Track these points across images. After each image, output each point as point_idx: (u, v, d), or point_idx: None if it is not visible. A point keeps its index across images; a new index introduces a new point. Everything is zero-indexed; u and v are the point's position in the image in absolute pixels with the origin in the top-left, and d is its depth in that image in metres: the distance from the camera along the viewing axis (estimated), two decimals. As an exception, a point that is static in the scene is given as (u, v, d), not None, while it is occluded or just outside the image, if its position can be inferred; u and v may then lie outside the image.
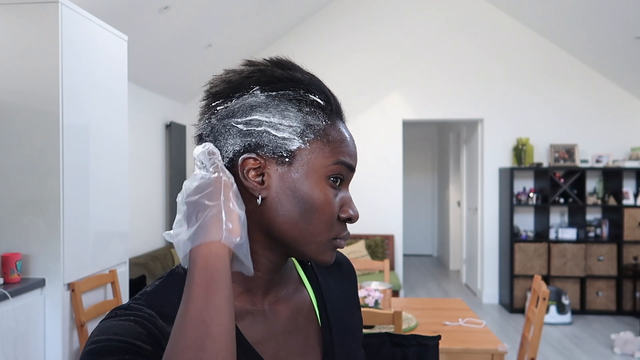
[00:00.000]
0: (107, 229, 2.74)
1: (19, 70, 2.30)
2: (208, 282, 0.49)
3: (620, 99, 5.45)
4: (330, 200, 0.60)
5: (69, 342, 2.39)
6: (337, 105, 0.65)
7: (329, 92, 0.64)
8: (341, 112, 0.66)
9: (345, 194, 0.63)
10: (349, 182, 0.63)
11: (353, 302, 0.78)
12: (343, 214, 0.62)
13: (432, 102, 5.64)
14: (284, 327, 0.66)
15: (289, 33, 5.75)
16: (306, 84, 0.62)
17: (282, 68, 0.62)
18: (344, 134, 0.63)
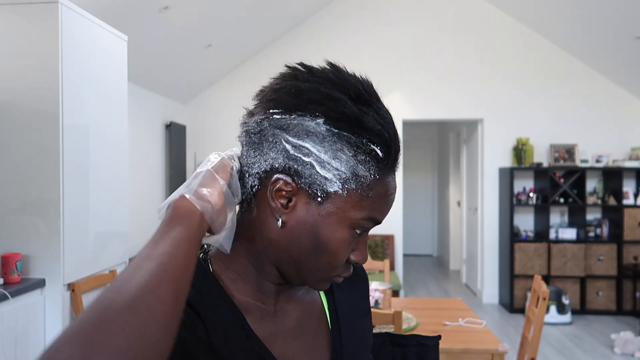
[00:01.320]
0: (107, 229, 2.74)
1: (19, 70, 2.30)
2: (169, 224, 0.50)
3: (620, 99, 5.45)
4: (346, 246, 0.59)
5: (69, 342, 2.38)
6: (395, 159, 0.60)
7: (394, 144, 0.59)
8: (395, 165, 0.61)
9: (362, 239, 0.62)
10: (368, 234, 0.64)
11: (364, 307, 0.78)
12: (353, 256, 0.61)
13: (432, 102, 5.64)
14: (293, 326, 0.66)
15: (289, 33, 5.75)
16: (373, 133, 0.58)
17: (359, 103, 0.58)
18: (388, 190, 0.60)
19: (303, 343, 0.66)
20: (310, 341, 0.67)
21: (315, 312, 0.70)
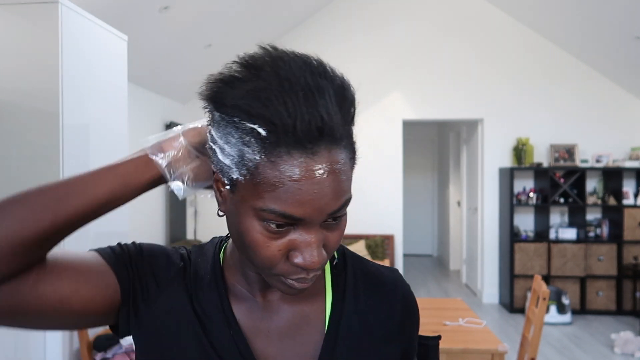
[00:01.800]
0: (107, 229, 2.74)
1: (19, 70, 2.30)
2: (125, 160, 0.59)
3: (620, 99, 5.45)
4: (263, 243, 0.52)
5: (69, 342, 2.38)
6: (291, 137, 0.48)
7: (285, 117, 0.48)
8: (296, 143, 0.48)
9: (297, 237, 0.52)
10: (312, 224, 0.52)
11: (384, 333, 0.66)
12: (293, 258, 0.53)
13: (432, 102, 5.64)
14: (282, 326, 0.63)
15: (289, 33, 5.75)
16: (246, 108, 0.49)
17: (241, 78, 0.51)
18: (288, 180, 0.49)
19: (288, 346, 0.63)
20: (297, 346, 0.63)
21: (313, 317, 0.64)
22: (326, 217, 0.52)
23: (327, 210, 0.51)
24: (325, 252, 0.55)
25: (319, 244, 0.53)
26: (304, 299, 0.65)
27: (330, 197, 0.50)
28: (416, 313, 0.70)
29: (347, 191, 0.53)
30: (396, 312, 0.67)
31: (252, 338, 0.62)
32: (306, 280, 0.55)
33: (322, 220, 0.52)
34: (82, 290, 0.56)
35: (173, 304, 0.62)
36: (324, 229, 0.54)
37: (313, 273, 0.55)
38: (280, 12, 5.16)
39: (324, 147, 0.49)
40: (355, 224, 5.58)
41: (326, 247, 0.55)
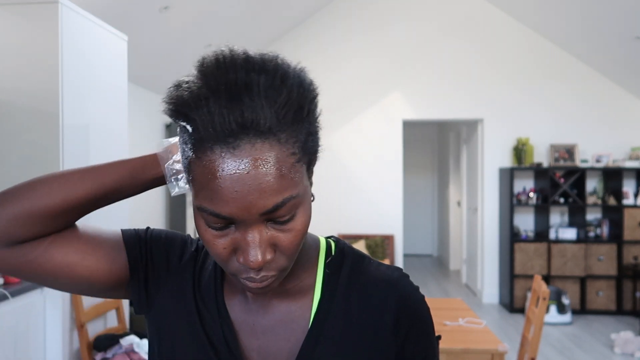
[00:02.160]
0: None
1: (19, 70, 2.30)
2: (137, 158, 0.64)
3: (620, 99, 5.45)
4: (211, 241, 0.53)
5: (69, 342, 2.39)
6: (211, 132, 0.48)
7: (206, 112, 0.48)
8: (218, 140, 0.48)
9: (238, 236, 0.52)
10: (245, 228, 0.51)
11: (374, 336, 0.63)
12: (238, 257, 0.53)
13: (432, 102, 5.64)
14: (267, 322, 0.64)
15: (289, 33, 5.75)
16: (179, 108, 0.50)
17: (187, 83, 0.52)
18: (211, 176, 0.49)
19: (271, 341, 0.63)
20: (279, 342, 0.63)
21: (298, 314, 0.64)
22: (258, 217, 0.50)
23: (255, 210, 0.49)
24: (278, 253, 0.54)
25: (261, 243, 0.51)
26: (292, 296, 0.64)
27: (256, 195, 0.49)
28: (418, 314, 0.65)
29: (281, 190, 0.50)
30: (389, 313, 0.63)
31: (240, 331, 0.64)
32: (255, 280, 0.54)
33: (257, 220, 0.51)
34: (88, 259, 0.62)
35: (179, 289, 0.66)
36: (271, 229, 0.52)
37: (264, 274, 0.54)
38: (280, 12, 5.16)
39: (246, 141, 0.48)
40: (355, 224, 5.58)
41: (279, 248, 0.53)
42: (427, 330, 0.66)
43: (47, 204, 0.58)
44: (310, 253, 0.66)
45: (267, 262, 0.53)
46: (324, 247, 0.67)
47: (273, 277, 0.55)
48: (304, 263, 0.64)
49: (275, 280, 0.56)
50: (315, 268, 0.65)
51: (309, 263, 0.65)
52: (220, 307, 0.65)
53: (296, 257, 0.58)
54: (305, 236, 0.60)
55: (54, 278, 0.62)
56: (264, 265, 0.53)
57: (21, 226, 0.58)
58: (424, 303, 0.66)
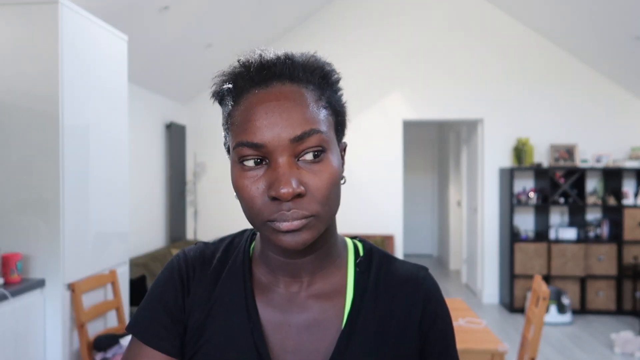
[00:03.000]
0: (107, 229, 2.74)
1: (19, 70, 2.30)
2: None
3: (620, 99, 5.45)
4: (244, 184, 0.57)
5: (69, 342, 2.39)
6: (248, 80, 0.58)
7: (237, 71, 0.60)
8: (254, 83, 0.58)
9: (271, 172, 0.56)
10: (277, 157, 0.56)
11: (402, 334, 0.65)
12: (270, 193, 0.56)
13: (432, 102, 5.64)
14: (302, 321, 0.65)
15: (289, 33, 5.75)
16: (222, 78, 0.62)
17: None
18: (248, 112, 0.57)
19: (306, 340, 0.64)
20: (314, 341, 0.64)
21: (332, 313, 0.65)
22: (288, 144, 0.55)
23: (285, 135, 0.55)
24: (309, 194, 0.56)
25: (291, 174, 0.55)
26: (325, 296, 0.66)
27: (286, 123, 0.55)
28: (439, 313, 0.67)
29: (308, 121, 0.56)
30: (416, 312, 0.66)
31: (272, 330, 0.64)
32: (287, 218, 0.55)
33: (285, 150, 0.55)
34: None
35: (199, 297, 0.67)
36: (302, 169, 0.56)
37: (295, 209, 0.56)
38: (280, 12, 5.16)
39: (277, 81, 0.57)
40: (355, 224, 5.58)
41: (309, 188, 0.56)
42: (447, 330, 0.69)
43: None
44: (341, 252, 0.68)
45: (298, 195, 0.55)
46: (352, 247, 0.70)
47: (304, 219, 0.56)
48: (337, 262, 0.67)
49: (308, 230, 0.57)
50: (345, 268, 0.68)
51: (341, 262, 0.68)
52: (250, 309, 0.65)
53: (331, 216, 0.60)
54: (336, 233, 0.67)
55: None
56: (295, 202, 0.56)
57: None
58: (444, 303, 0.70)
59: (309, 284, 0.66)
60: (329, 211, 0.58)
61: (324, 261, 0.66)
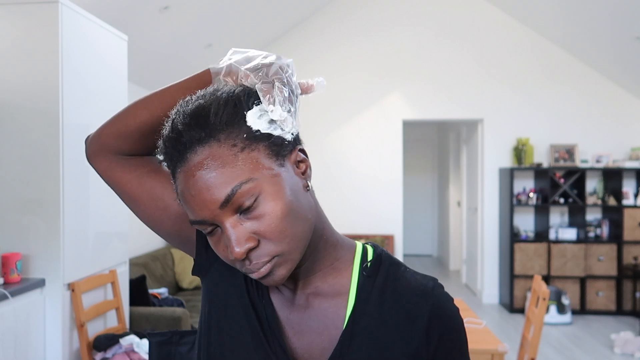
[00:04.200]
0: (107, 229, 2.74)
1: (19, 70, 2.30)
2: None
3: (620, 99, 5.45)
4: (216, 249, 0.60)
5: (69, 342, 2.39)
6: (170, 158, 0.59)
7: (162, 146, 0.60)
8: (175, 161, 0.58)
9: (224, 236, 0.58)
10: (223, 221, 0.57)
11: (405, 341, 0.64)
12: (229, 256, 0.59)
13: (432, 102, 5.63)
14: (301, 320, 0.67)
15: (289, 33, 5.75)
16: (159, 148, 0.62)
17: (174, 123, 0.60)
18: (181, 193, 0.58)
19: (307, 337, 0.66)
20: (314, 338, 0.66)
21: (334, 314, 0.66)
22: (220, 211, 0.56)
23: (212, 205, 0.56)
24: (263, 241, 0.57)
25: (238, 236, 0.56)
26: (327, 295, 0.67)
27: (208, 194, 0.56)
28: (450, 325, 0.66)
29: (227, 181, 0.56)
30: (421, 321, 0.64)
31: (284, 330, 0.67)
32: (252, 271, 0.58)
33: (222, 215, 0.56)
34: (168, 197, 0.69)
35: (232, 269, 0.69)
36: (246, 220, 0.57)
37: (255, 261, 0.58)
38: (280, 12, 5.16)
39: (190, 152, 0.57)
40: (356, 224, 5.58)
41: (260, 235, 0.57)
42: (458, 342, 0.67)
43: (133, 124, 0.67)
44: (343, 255, 0.69)
45: (252, 250, 0.57)
46: (360, 251, 0.70)
47: (268, 263, 0.58)
48: (336, 265, 0.68)
49: (278, 268, 0.59)
50: (349, 270, 0.68)
51: (344, 264, 0.68)
52: (264, 297, 0.68)
53: (300, 243, 0.60)
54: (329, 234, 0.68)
55: (138, 203, 0.71)
56: (252, 255, 0.57)
57: (120, 140, 0.68)
58: (457, 315, 0.67)
59: (305, 284, 0.68)
60: (292, 242, 0.59)
61: (317, 264, 0.67)
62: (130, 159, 0.70)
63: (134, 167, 0.70)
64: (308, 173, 0.63)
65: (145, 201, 0.70)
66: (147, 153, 0.71)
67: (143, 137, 0.68)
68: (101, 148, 0.70)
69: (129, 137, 0.68)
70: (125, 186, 0.71)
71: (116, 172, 0.70)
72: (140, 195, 0.70)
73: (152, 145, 0.69)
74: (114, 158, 0.70)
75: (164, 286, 4.03)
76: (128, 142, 0.69)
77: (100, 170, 0.71)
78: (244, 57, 0.62)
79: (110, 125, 0.69)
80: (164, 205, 0.70)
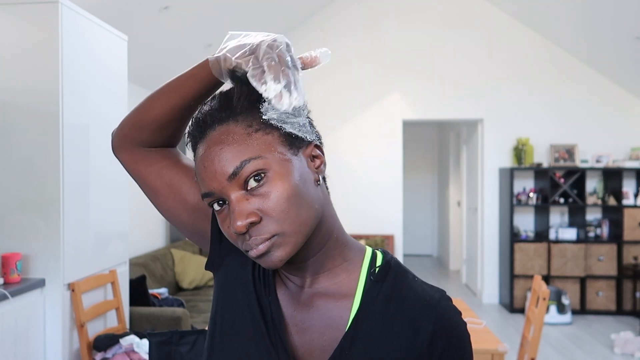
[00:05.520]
0: (107, 229, 2.74)
1: (19, 70, 2.30)
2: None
3: (620, 99, 5.45)
4: (222, 226, 0.63)
5: (69, 342, 2.39)
6: (193, 138, 0.64)
7: (189, 133, 0.65)
8: (197, 140, 0.64)
9: (229, 210, 0.61)
10: (228, 197, 0.60)
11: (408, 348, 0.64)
12: (231, 229, 0.60)
13: (432, 102, 5.63)
14: (305, 319, 0.67)
15: (288, 34, 5.74)
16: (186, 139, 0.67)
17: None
18: (197, 166, 0.63)
19: (309, 336, 0.66)
20: (316, 338, 0.66)
21: (338, 314, 0.66)
22: (227, 183, 0.59)
23: (220, 177, 0.59)
24: (266, 218, 0.59)
25: (240, 209, 0.59)
26: (332, 296, 0.67)
27: (218, 164, 0.59)
28: (454, 338, 0.65)
29: (238, 155, 0.59)
30: (425, 331, 0.64)
31: (289, 327, 0.67)
32: (252, 247, 0.60)
33: (229, 188, 0.59)
34: (184, 188, 0.72)
35: (243, 261, 0.71)
36: (251, 197, 0.59)
37: (254, 236, 0.59)
38: (280, 12, 5.16)
39: (210, 129, 0.62)
40: (355, 224, 5.58)
41: (263, 212, 0.59)
42: (464, 356, 0.67)
43: (148, 116, 0.70)
44: (352, 257, 0.69)
45: (253, 225, 0.59)
46: (369, 255, 0.70)
47: (267, 241, 0.59)
48: (345, 266, 0.68)
49: (277, 249, 0.60)
50: (357, 273, 0.68)
51: (352, 267, 0.68)
52: (271, 293, 0.68)
53: (301, 228, 0.61)
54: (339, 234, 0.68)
55: (157, 195, 0.74)
56: (252, 230, 0.59)
57: (139, 132, 0.71)
58: (463, 328, 0.67)
59: (312, 282, 0.68)
60: (293, 224, 0.60)
61: (327, 263, 0.67)
62: (151, 152, 0.73)
63: (154, 160, 0.73)
64: (322, 169, 0.66)
65: (164, 193, 0.73)
66: (167, 144, 0.74)
67: (160, 128, 0.71)
68: (123, 140, 0.73)
69: (146, 128, 0.71)
70: (146, 178, 0.74)
71: (138, 165, 0.73)
72: (160, 187, 0.73)
73: (170, 136, 0.73)
74: (135, 150, 0.73)
75: (164, 286, 4.03)
76: (146, 133, 0.71)
77: (123, 162, 0.74)
78: (237, 44, 0.62)
79: (129, 118, 0.72)
80: (182, 198, 0.72)
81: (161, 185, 0.73)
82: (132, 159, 0.74)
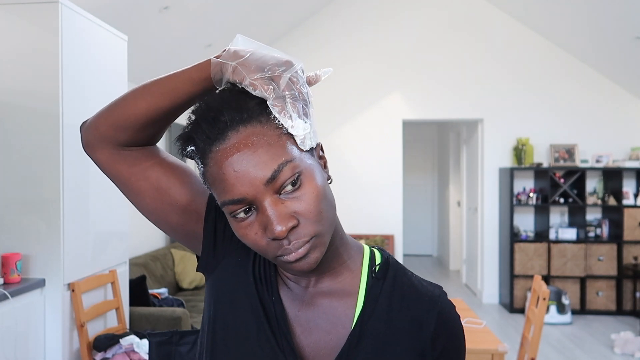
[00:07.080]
0: (107, 229, 2.74)
1: (19, 70, 2.30)
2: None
3: (620, 99, 5.45)
4: (244, 233, 0.59)
5: (69, 342, 2.39)
6: (205, 139, 0.58)
7: (193, 130, 0.59)
8: (211, 140, 0.57)
9: (260, 216, 0.58)
10: (261, 202, 0.57)
11: (412, 344, 0.66)
12: (268, 234, 0.57)
13: (432, 102, 5.64)
14: (310, 318, 0.67)
15: (289, 33, 5.75)
16: (181, 137, 0.61)
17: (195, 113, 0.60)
18: (218, 172, 0.57)
19: (314, 335, 0.67)
20: (322, 336, 0.66)
21: (343, 313, 0.67)
22: (264, 188, 0.56)
23: (258, 182, 0.56)
24: (303, 220, 0.58)
25: (279, 213, 0.56)
26: (336, 295, 0.68)
27: (254, 169, 0.56)
28: (455, 332, 0.68)
29: (274, 158, 0.56)
30: (428, 325, 0.66)
31: (291, 325, 0.67)
32: (291, 251, 0.58)
33: (264, 193, 0.56)
34: (175, 191, 0.69)
35: (242, 262, 0.70)
36: (286, 200, 0.57)
37: (294, 241, 0.58)
38: (281, 12, 5.16)
39: (233, 131, 0.57)
40: (355, 224, 5.58)
41: (299, 215, 0.58)
42: (460, 348, 0.70)
43: (132, 115, 0.64)
44: (354, 256, 0.70)
45: (292, 229, 0.57)
46: (368, 254, 0.72)
47: (307, 244, 0.58)
48: (348, 264, 0.69)
49: (314, 250, 0.59)
50: (359, 272, 0.69)
51: (354, 265, 0.69)
52: (275, 303, 0.68)
53: (331, 228, 0.61)
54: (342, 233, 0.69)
55: (142, 196, 0.69)
56: (292, 234, 0.58)
57: (120, 132, 0.65)
58: (459, 322, 0.70)
59: (317, 281, 0.68)
60: (326, 224, 0.60)
61: (331, 262, 0.67)
62: (133, 151, 0.68)
63: (137, 160, 0.68)
64: (327, 168, 0.66)
65: (151, 195, 0.68)
66: (148, 142, 0.69)
67: (144, 127, 0.65)
68: (99, 139, 0.66)
69: (129, 128, 0.65)
70: (128, 180, 0.68)
71: (118, 165, 0.68)
72: (146, 188, 0.68)
73: (153, 134, 0.67)
74: (114, 150, 0.67)
75: (164, 286, 4.03)
76: (128, 133, 0.65)
77: (99, 162, 0.68)
78: (252, 57, 0.60)
79: (108, 115, 0.66)
80: (171, 200, 0.69)
81: (147, 186, 0.68)
82: (111, 159, 0.68)
